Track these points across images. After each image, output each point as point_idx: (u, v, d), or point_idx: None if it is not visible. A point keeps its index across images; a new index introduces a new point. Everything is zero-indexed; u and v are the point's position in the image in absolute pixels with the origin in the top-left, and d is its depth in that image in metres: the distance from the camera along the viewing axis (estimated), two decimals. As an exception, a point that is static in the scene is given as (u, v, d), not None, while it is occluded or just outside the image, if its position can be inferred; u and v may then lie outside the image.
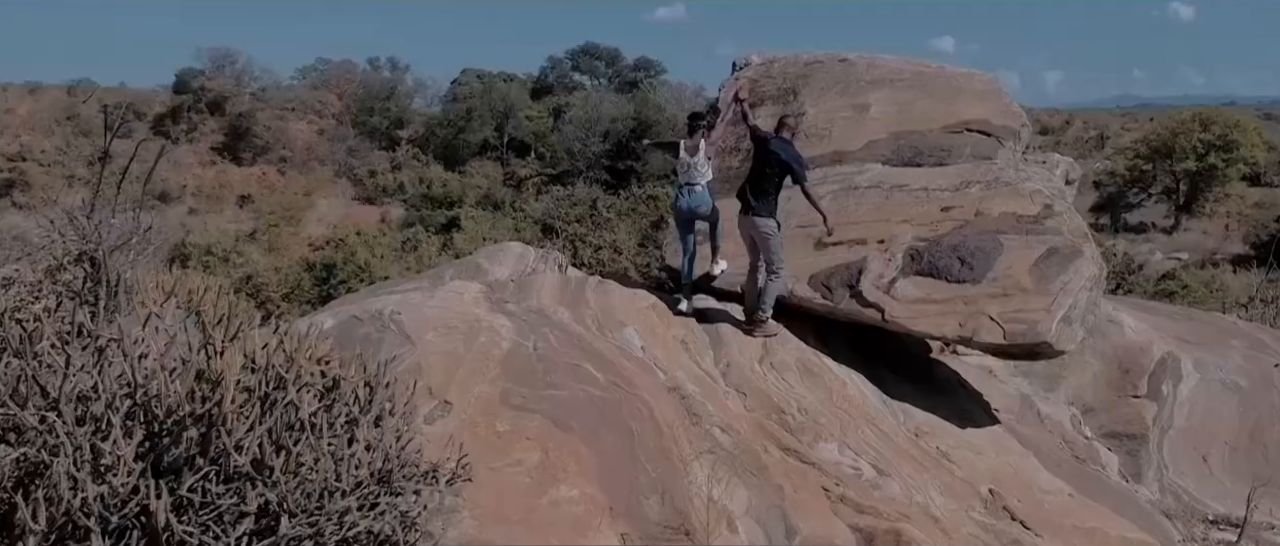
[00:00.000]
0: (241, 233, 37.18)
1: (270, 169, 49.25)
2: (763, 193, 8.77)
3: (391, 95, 54.58)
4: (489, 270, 9.99)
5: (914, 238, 8.86)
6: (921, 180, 9.38)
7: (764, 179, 8.79)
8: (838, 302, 8.77)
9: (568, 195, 39.68)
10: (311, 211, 44.49)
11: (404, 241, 34.41)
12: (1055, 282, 8.16)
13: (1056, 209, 8.73)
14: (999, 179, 9.12)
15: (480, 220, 37.27)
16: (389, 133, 52.84)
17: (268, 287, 28.53)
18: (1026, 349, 8.11)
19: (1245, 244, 40.03)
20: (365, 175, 48.79)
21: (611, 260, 29.27)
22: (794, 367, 8.47)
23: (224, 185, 46.71)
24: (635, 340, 8.35)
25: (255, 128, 50.25)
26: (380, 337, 7.69)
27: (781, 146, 8.79)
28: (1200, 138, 43.22)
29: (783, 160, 8.71)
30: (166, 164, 48.26)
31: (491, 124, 51.77)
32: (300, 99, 54.34)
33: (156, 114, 51.96)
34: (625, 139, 48.33)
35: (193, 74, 53.50)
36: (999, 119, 9.96)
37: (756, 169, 8.90)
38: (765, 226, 8.78)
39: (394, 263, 30.30)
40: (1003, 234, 8.60)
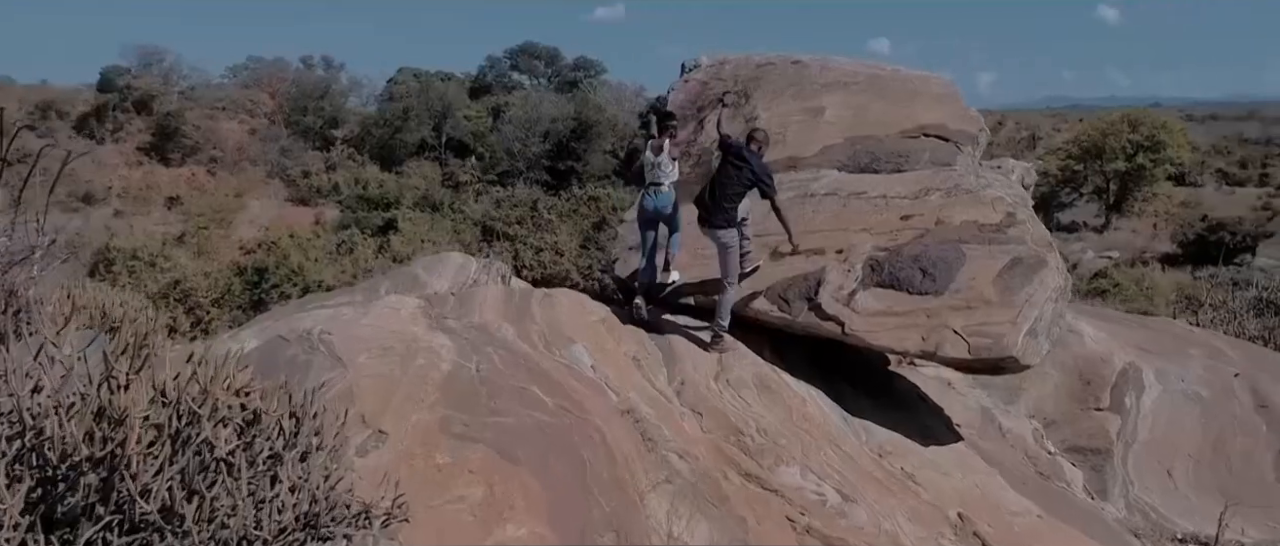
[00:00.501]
0: (169, 236, 35.87)
1: (200, 170, 47.72)
2: (723, 202, 8.39)
3: (325, 94, 53.23)
4: (427, 282, 9.39)
5: (874, 247, 8.46)
6: (880, 187, 8.99)
7: (727, 188, 8.40)
8: (795, 316, 8.34)
9: (508, 196, 39.01)
10: (243, 213, 43.18)
11: (339, 244, 33.40)
12: (1020, 294, 7.81)
13: (1019, 217, 8.39)
14: (959, 186, 8.76)
15: (418, 222, 36.33)
16: (323, 132, 51.54)
17: (197, 293, 27.43)
18: (991, 363, 7.74)
19: (1173, 242, 40.70)
20: (298, 176, 47.51)
21: (553, 262, 28.72)
22: (751, 384, 8.02)
23: (151, 186, 45.07)
24: (585, 358, 7.83)
25: (184, 127, 48.61)
26: (308, 360, 7.08)
27: (753, 158, 8.43)
28: (1129, 138, 43.85)
29: (753, 172, 8.35)
30: (91, 164, 46.54)
31: (429, 124, 50.76)
32: (231, 98, 52.75)
33: (80, 113, 50.07)
34: (565, 139, 47.73)
35: (118, 72, 51.66)
36: (956, 123, 9.62)
37: (721, 178, 8.50)
38: (725, 237, 8.38)
39: (329, 266, 29.37)
40: (965, 243, 8.24)
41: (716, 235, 8.40)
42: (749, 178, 8.39)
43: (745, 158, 8.43)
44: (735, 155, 8.48)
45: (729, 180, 8.42)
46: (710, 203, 8.46)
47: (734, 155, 8.49)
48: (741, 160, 8.40)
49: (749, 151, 8.52)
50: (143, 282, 26.23)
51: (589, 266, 27.87)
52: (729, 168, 8.47)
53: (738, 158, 8.44)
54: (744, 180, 8.38)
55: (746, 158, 8.42)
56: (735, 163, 8.43)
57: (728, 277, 8.43)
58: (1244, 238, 39.01)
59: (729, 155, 8.55)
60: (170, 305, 25.07)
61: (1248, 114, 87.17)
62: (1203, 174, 53.66)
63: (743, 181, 8.39)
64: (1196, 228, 40.10)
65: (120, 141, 48.91)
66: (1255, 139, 69.86)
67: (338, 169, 48.36)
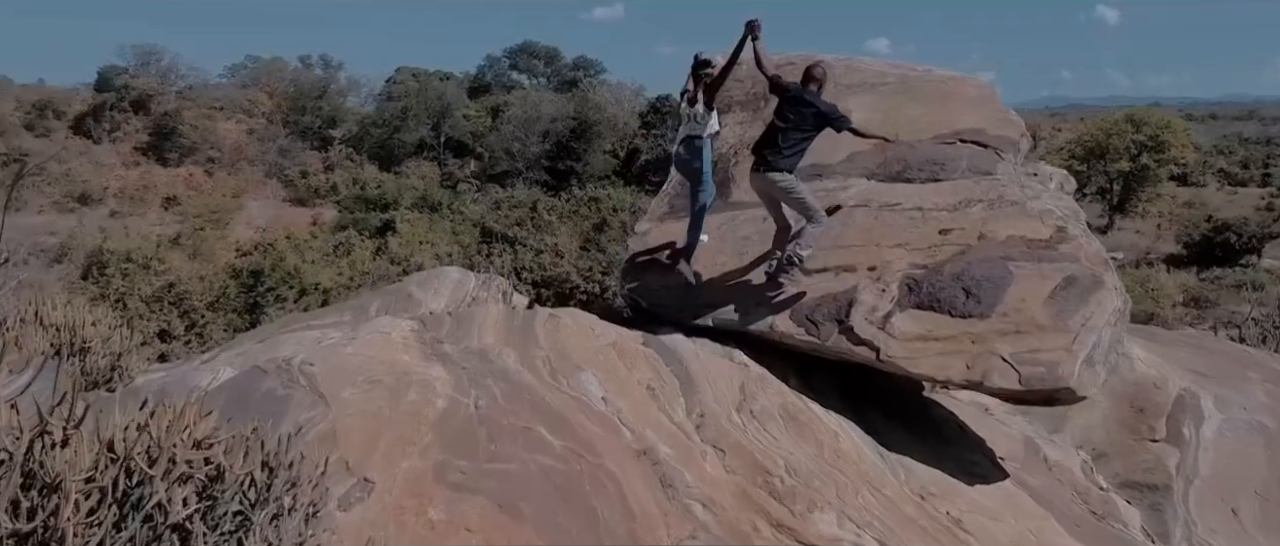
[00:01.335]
0: (165, 237, 34.97)
1: (197, 170, 46.85)
2: (784, 149, 7.70)
3: (324, 94, 52.40)
4: (422, 300, 8.55)
5: (910, 265, 7.62)
6: (914, 198, 8.16)
7: (789, 134, 7.70)
8: (824, 339, 7.51)
9: (508, 197, 38.22)
10: (240, 214, 42.30)
11: (336, 245, 32.61)
12: (1075, 318, 6.98)
13: (1071, 232, 7.56)
14: (1003, 197, 7.93)
15: (417, 223, 35.54)
16: (321, 132, 50.73)
17: (192, 296, 26.60)
18: (1044, 395, 6.92)
19: (1177, 243, 39.94)
20: (296, 176, 46.67)
21: (553, 264, 27.93)
22: (777, 416, 7.19)
23: (148, 187, 44.19)
24: (595, 388, 6.99)
25: (181, 127, 47.77)
26: (287, 395, 6.24)
27: (814, 98, 7.73)
28: (1133, 138, 43.07)
29: (820, 112, 7.65)
30: (88, 164, 45.68)
31: (428, 123, 49.96)
32: (229, 98, 51.90)
33: (77, 113, 49.20)
34: (565, 139, 46.95)
35: (116, 72, 50.80)
36: (996, 128, 8.79)
37: (780, 124, 7.76)
38: (782, 180, 7.69)
39: (326, 268, 28.54)
40: (1012, 261, 7.41)
41: (774, 180, 7.70)
42: (814, 121, 7.68)
43: (807, 100, 7.69)
44: (794, 98, 7.73)
45: (791, 127, 7.71)
46: (769, 152, 7.75)
47: (793, 98, 7.74)
48: (803, 103, 7.66)
49: (810, 92, 7.78)
50: (136, 286, 25.40)
51: (590, 268, 27.08)
52: (789, 113, 7.73)
53: (798, 101, 7.69)
54: (809, 124, 7.69)
55: (808, 99, 7.69)
56: (796, 107, 7.68)
57: (809, 214, 7.68)
58: (1250, 239, 38.24)
59: (787, 99, 7.80)
60: (165, 309, 24.25)
61: (1247, 113, 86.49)
62: (1205, 174, 52.87)
63: (807, 126, 7.69)
64: (1202, 228, 39.33)
65: (117, 141, 48.06)
66: (1255, 138, 69.11)
67: (336, 169, 47.56)
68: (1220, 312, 31.64)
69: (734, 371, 7.62)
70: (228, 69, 57.56)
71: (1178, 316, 31.55)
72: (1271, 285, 34.81)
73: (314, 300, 24.55)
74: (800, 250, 7.56)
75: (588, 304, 25.85)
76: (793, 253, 7.57)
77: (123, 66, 50.81)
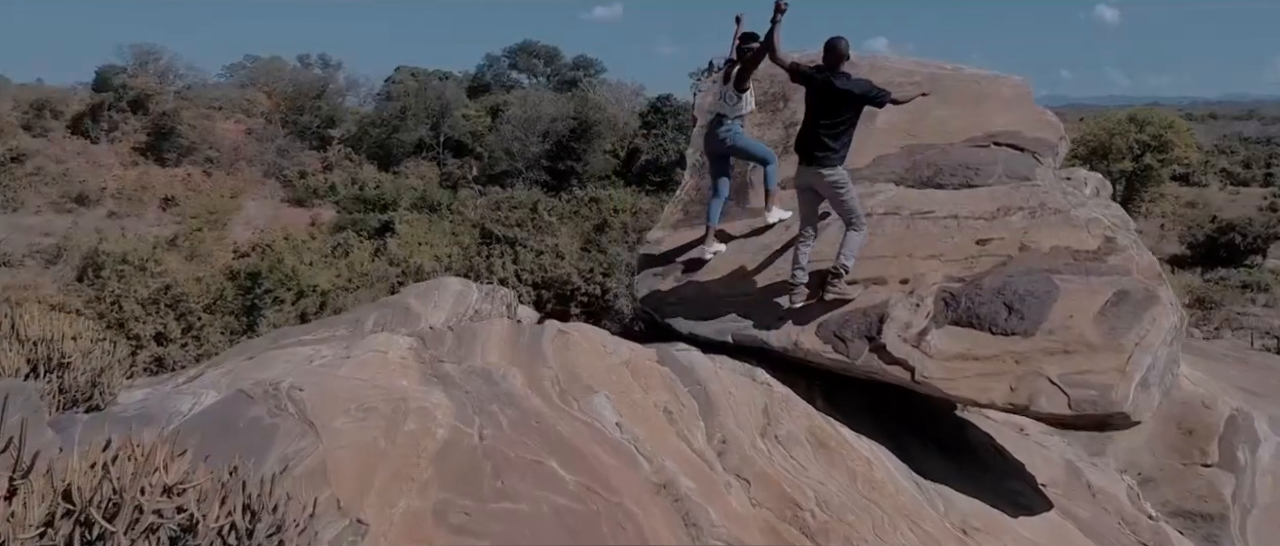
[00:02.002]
0: (162, 239, 34.34)
1: (196, 170, 46.18)
2: (829, 139, 7.09)
3: (323, 93, 51.71)
4: (421, 314, 7.95)
5: (946, 277, 7.04)
6: (948, 205, 7.57)
7: (831, 121, 7.08)
8: (854, 358, 6.92)
9: (508, 198, 37.63)
10: (239, 214, 41.66)
11: (335, 246, 32.01)
12: (1128, 336, 6.39)
13: (1120, 242, 6.97)
14: (1045, 204, 7.34)
15: (416, 224, 34.94)
16: (320, 132, 50.05)
17: (188, 298, 26.00)
18: (1096, 420, 6.33)
19: (1181, 244, 39.37)
20: (295, 176, 46.01)
21: (553, 265, 27.36)
22: (804, 442, 6.60)
23: (146, 187, 43.49)
24: (608, 412, 6.40)
25: (180, 127, 47.07)
26: (273, 425, 5.64)
27: (847, 83, 7.07)
28: (1136, 138, 42.49)
29: (856, 94, 7.02)
30: (86, 164, 45.01)
31: (427, 123, 49.29)
32: (227, 97, 51.19)
33: (75, 113, 48.50)
34: (565, 139, 46.33)
35: (114, 71, 50.11)
36: (1032, 130, 8.20)
37: (818, 113, 7.14)
38: (832, 175, 7.08)
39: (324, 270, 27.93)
40: (1056, 273, 6.82)
41: (825, 175, 7.09)
42: (855, 100, 7.05)
43: (838, 85, 7.06)
44: (825, 86, 7.11)
45: (831, 111, 7.08)
46: (817, 148, 7.13)
47: (824, 86, 7.12)
48: (834, 89, 7.05)
49: (841, 75, 7.12)
50: (132, 288, 24.79)
51: (591, 269, 26.52)
52: (824, 102, 7.12)
53: (829, 88, 7.08)
54: (851, 105, 7.07)
55: (839, 85, 7.07)
56: (829, 93, 7.08)
57: (852, 216, 7.12)
58: (1254, 239, 37.68)
59: (816, 88, 7.18)
60: (161, 311, 23.64)
61: (1247, 113, 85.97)
62: (1207, 174, 52.30)
63: (847, 112, 7.08)
64: (1206, 229, 38.76)
65: (115, 141, 47.39)
66: (1255, 138, 68.60)
67: (334, 169, 46.94)
68: (1226, 313, 31.17)
69: (756, 392, 7.04)
70: (226, 68, 56.94)
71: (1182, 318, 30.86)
72: (1276, 286, 34.31)
73: (312, 302, 24.00)
74: (846, 260, 7.01)
75: (589, 305, 25.32)
76: (839, 265, 7.00)
77: (121, 66, 50.15)
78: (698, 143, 9.02)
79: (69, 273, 28.43)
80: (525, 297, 26.17)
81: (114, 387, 8.33)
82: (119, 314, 21.92)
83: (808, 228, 7.44)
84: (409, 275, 26.44)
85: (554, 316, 24.30)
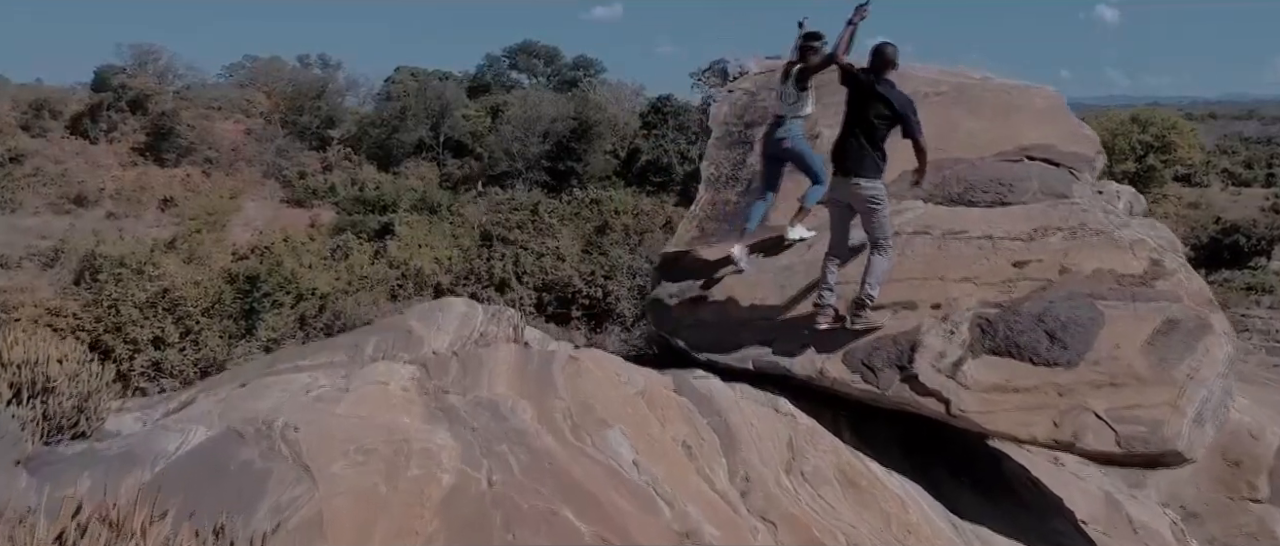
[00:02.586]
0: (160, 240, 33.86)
1: (195, 170, 45.63)
2: (866, 149, 6.65)
3: (322, 94, 51.05)
4: (423, 337, 7.47)
5: (981, 302, 6.58)
6: (982, 224, 7.11)
7: (866, 132, 6.65)
8: (884, 388, 6.47)
9: (508, 199, 37.16)
10: (238, 215, 41.15)
11: (335, 248, 31.55)
12: (1180, 368, 5.95)
13: (1168, 266, 6.53)
14: (1085, 224, 6.88)
15: (416, 226, 34.48)
16: (320, 133, 49.45)
17: (186, 302, 25.54)
18: (1147, 458, 5.89)
19: (1186, 245, 38.85)
20: (294, 177, 45.49)
21: (554, 267, 26.89)
22: (833, 480, 6.15)
23: (145, 188, 42.93)
24: (624, 449, 5.94)
25: (179, 127, 46.48)
26: (266, 469, 5.18)
27: (889, 90, 6.66)
28: (1139, 139, 42.02)
29: (894, 109, 6.59)
30: (84, 165, 44.46)
31: (427, 123, 48.72)
32: (227, 97, 50.57)
33: (74, 113, 47.92)
34: (565, 139, 45.83)
35: (113, 71, 49.51)
36: (1068, 144, 7.75)
37: (855, 120, 6.71)
38: (870, 188, 6.62)
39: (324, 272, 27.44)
40: (1101, 299, 6.37)
41: (862, 188, 6.62)
42: (887, 114, 6.62)
43: (880, 93, 6.65)
44: (867, 91, 6.70)
45: (866, 121, 6.66)
46: (848, 150, 6.71)
47: (866, 91, 6.70)
48: (875, 95, 6.64)
49: (884, 82, 6.70)
50: (129, 292, 24.33)
51: (592, 272, 26.06)
52: (865, 108, 6.69)
53: (870, 94, 6.67)
54: (885, 118, 6.65)
55: (881, 92, 6.65)
56: (870, 99, 6.66)
57: (882, 239, 6.67)
58: (1259, 241, 37.19)
59: (859, 91, 6.75)
60: (159, 315, 23.18)
61: (1246, 113, 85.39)
62: (1208, 174, 51.70)
63: (884, 119, 6.65)
64: (1210, 230, 38.25)
65: (114, 141, 46.83)
66: (1255, 138, 67.99)
67: (334, 169, 46.40)
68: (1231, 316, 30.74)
69: (780, 424, 6.58)
70: (226, 68, 56.20)
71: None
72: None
73: (311, 305, 23.48)
74: (871, 289, 6.57)
75: (590, 307, 24.86)
76: (863, 294, 6.55)
77: (120, 66, 49.53)
78: (713, 156, 8.55)
79: (66, 275, 27.95)
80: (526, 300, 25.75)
81: (102, 413, 7.87)
82: (116, 318, 21.44)
83: (838, 245, 7.00)
84: (409, 278, 25.95)
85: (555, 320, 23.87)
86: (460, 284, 26.38)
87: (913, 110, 6.66)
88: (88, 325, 20.58)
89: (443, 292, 26.36)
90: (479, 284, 26.54)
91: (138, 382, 19.84)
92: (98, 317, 21.27)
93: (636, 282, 22.73)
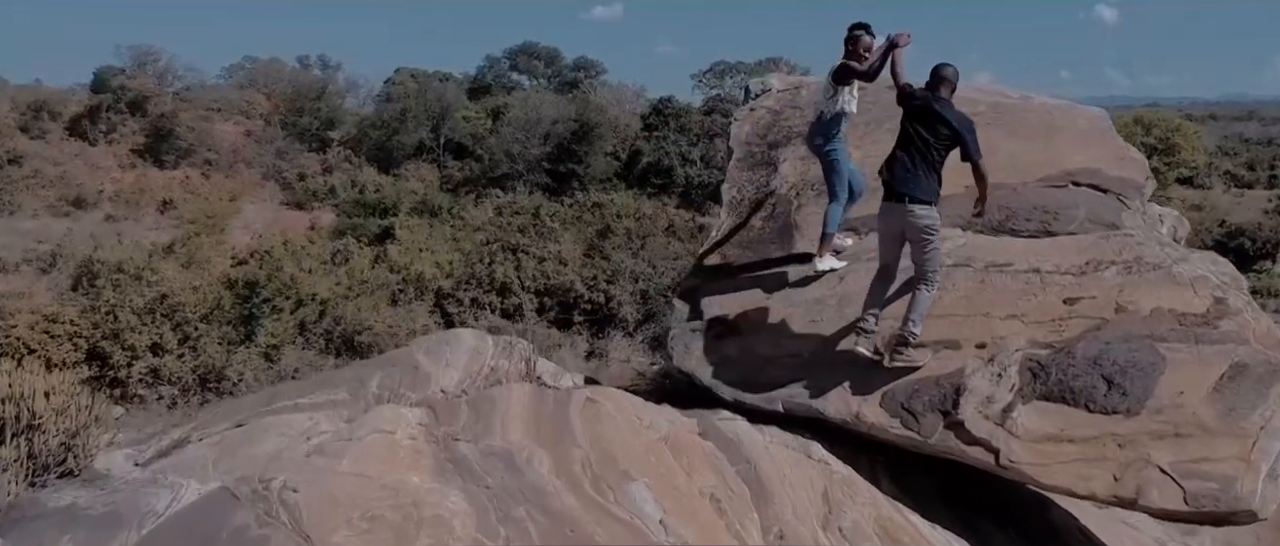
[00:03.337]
0: (158, 245, 33.34)
1: (194, 172, 45.12)
2: (920, 172, 6.19)
3: (322, 95, 50.48)
4: (430, 374, 6.96)
5: (1030, 342, 6.08)
6: (1027, 257, 6.60)
7: (922, 153, 6.19)
8: (927, 435, 5.98)
9: (510, 203, 36.69)
10: (237, 218, 40.64)
11: (334, 253, 31.04)
12: (1251, 418, 5.46)
13: (1233, 304, 6.03)
14: (1141, 258, 6.38)
15: (416, 230, 33.97)
16: (319, 134, 48.90)
17: (185, 308, 25.01)
18: (1216, 517, 5.40)
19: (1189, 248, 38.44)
20: (294, 179, 45.00)
21: (556, 272, 26.42)
22: (873, 535, 5.67)
23: (144, 190, 42.39)
24: (650, 505, 5.43)
25: (178, 129, 45.98)
26: (262, 536, 4.67)
27: (947, 109, 6.21)
28: (1142, 141, 41.55)
29: (953, 128, 6.12)
30: (84, 167, 43.92)
31: (427, 125, 48.19)
32: (226, 99, 50.04)
33: (73, 114, 47.37)
34: (566, 141, 45.34)
35: (112, 72, 48.96)
36: (1114, 168, 7.25)
37: (910, 141, 6.26)
38: (926, 217, 6.15)
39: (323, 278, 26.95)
40: (1161, 341, 5.87)
41: (913, 215, 6.15)
42: (948, 136, 6.16)
43: (937, 110, 6.19)
44: (922, 108, 6.26)
45: (922, 141, 6.21)
46: (901, 172, 6.24)
47: (921, 109, 6.27)
48: (932, 115, 6.18)
49: (941, 99, 6.27)
50: (127, 298, 23.83)
51: (594, 277, 25.60)
52: (921, 128, 6.24)
53: (926, 112, 6.22)
54: (943, 139, 6.19)
55: (937, 110, 6.20)
56: (926, 119, 6.21)
57: (931, 272, 6.22)
58: (1264, 244, 36.77)
59: (914, 110, 6.31)
60: (157, 321, 22.69)
61: (1247, 114, 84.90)
62: (1211, 176, 51.22)
63: (942, 140, 6.19)
64: (1214, 234, 37.80)
65: (114, 143, 46.29)
66: (1256, 139, 67.44)
67: (334, 171, 45.88)
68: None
69: (814, 472, 6.09)
70: (225, 69, 55.63)
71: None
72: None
73: (311, 311, 23.01)
74: (914, 326, 6.09)
75: (593, 313, 24.37)
76: (906, 331, 6.07)
77: (119, 67, 48.99)
78: (735, 177, 8.04)
79: (64, 280, 27.43)
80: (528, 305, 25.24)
81: (91, 450, 7.39)
82: (114, 324, 20.97)
83: (889, 268, 6.53)
84: (410, 282, 25.49)
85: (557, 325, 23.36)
86: (461, 288, 25.88)
87: (972, 131, 6.19)
88: (85, 331, 20.05)
89: (443, 297, 25.87)
90: (480, 288, 26.05)
91: (136, 390, 19.33)
92: (95, 324, 20.73)
93: (639, 287, 22.20)
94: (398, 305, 26.11)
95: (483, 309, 25.93)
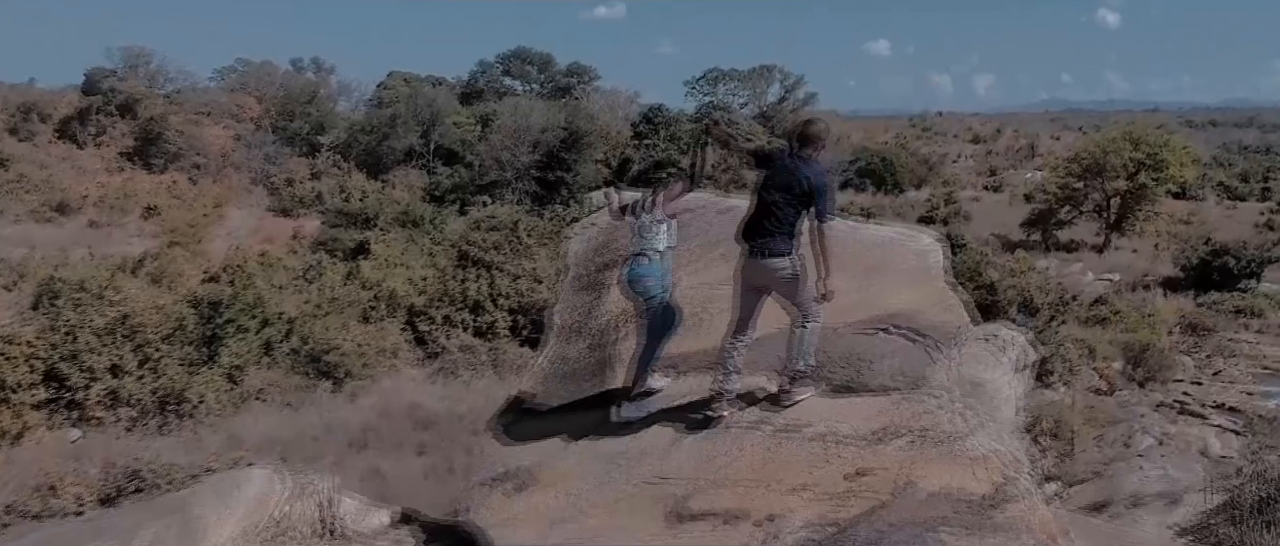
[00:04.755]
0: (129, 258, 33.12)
1: (181, 177, 44.97)
2: (774, 227, 6.10)
3: (313, 99, 50.43)
4: (206, 526, 6.51)
5: (808, 522, 5.65)
6: (824, 418, 6.14)
7: (776, 209, 6.07)
8: (696, 624, 5.56)
9: (488, 216, 36.40)
10: (220, 225, 40.45)
11: (307, 268, 30.79)
12: (1021, 630, 5.02)
13: (1014, 488, 5.56)
14: (930, 431, 5.90)
15: (392, 244, 33.69)
16: (309, 138, 48.81)
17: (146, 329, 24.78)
18: None
19: (1175, 265, 37.79)
20: (282, 184, 44.87)
21: (530, 289, 26.11)
22: None
23: (130, 195, 42.28)
24: None
25: (167, 133, 45.91)
26: None
27: (804, 165, 6.06)
28: (1130, 157, 40.90)
29: (811, 184, 5.99)
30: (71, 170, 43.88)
31: (417, 130, 48.06)
32: (217, 102, 49.98)
33: (62, 116, 47.37)
34: (555, 149, 45.09)
35: (104, 73, 49.00)
36: (936, 312, 6.75)
37: (768, 197, 6.11)
38: (783, 268, 6.08)
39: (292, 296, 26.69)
40: (934, 530, 5.41)
41: (771, 268, 6.11)
42: (802, 193, 6.01)
43: (794, 166, 6.07)
44: (781, 166, 6.12)
45: (776, 198, 6.08)
46: (756, 232, 6.16)
47: (780, 166, 6.12)
48: (789, 171, 6.06)
49: (801, 156, 6.09)
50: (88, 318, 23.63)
51: (568, 292, 25.35)
52: (777, 186, 6.12)
53: (783, 169, 6.10)
54: (797, 193, 6.03)
55: (795, 166, 6.07)
56: (784, 175, 6.08)
57: (806, 312, 6.17)
58: (1249, 263, 36.14)
59: (775, 168, 6.16)
60: (117, 342, 22.51)
61: (1247, 120, 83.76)
62: (1204, 188, 50.60)
63: (796, 194, 6.03)
64: (1200, 251, 37.17)
65: (103, 146, 46.27)
66: (1255, 146, 66.60)
67: (322, 177, 45.73)
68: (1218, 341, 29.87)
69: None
70: (217, 72, 55.73)
71: (1173, 344, 29.79)
72: (1271, 311, 33.02)
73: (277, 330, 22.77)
74: (808, 359, 6.25)
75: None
76: (795, 370, 6.27)
77: (110, 68, 49.05)
78: (568, 299, 7.61)
79: (25, 299, 27.26)
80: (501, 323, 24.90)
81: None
82: (73, 345, 20.79)
83: (746, 327, 6.38)
84: (382, 299, 25.24)
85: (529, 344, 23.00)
86: (434, 306, 25.58)
87: (827, 188, 6.08)
88: (42, 352, 19.80)
89: (416, 314, 25.55)
90: (453, 306, 25.74)
91: (93, 412, 19.10)
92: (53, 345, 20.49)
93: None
94: (369, 322, 25.79)
95: (455, 326, 25.59)
